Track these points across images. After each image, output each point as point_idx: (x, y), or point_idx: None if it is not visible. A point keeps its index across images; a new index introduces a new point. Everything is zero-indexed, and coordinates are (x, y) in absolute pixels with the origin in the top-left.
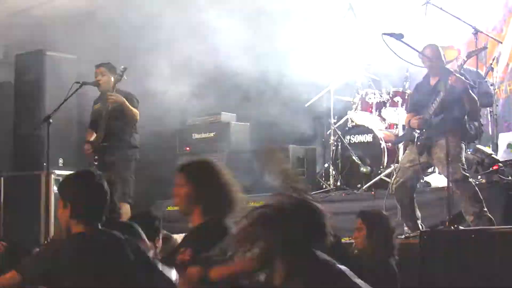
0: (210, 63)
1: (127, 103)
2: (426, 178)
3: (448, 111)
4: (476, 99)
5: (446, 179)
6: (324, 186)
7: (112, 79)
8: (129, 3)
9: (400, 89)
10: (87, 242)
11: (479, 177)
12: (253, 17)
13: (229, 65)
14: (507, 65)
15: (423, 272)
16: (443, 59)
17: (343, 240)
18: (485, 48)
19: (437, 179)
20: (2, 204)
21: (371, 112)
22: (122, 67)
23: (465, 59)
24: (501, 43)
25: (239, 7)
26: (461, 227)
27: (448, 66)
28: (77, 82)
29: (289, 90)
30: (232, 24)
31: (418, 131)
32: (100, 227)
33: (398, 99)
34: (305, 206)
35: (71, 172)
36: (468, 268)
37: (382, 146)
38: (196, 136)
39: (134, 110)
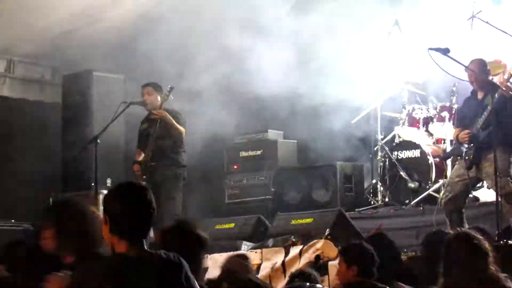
0: (257, 82)
1: (172, 120)
2: (474, 193)
3: (496, 125)
4: None
5: (495, 194)
6: (372, 202)
7: (159, 98)
8: (174, 25)
9: (447, 104)
10: (130, 264)
11: None
12: (298, 35)
13: (276, 84)
14: None
15: None
16: (489, 73)
17: None
18: None
19: (486, 194)
20: None
21: (418, 127)
22: (169, 86)
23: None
24: None
25: (284, 26)
26: (510, 242)
27: (495, 80)
28: (124, 102)
29: (335, 106)
30: (277, 43)
31: (466, 146)
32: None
33: (445, 114)
34: None
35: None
36: None
37: (430, 162)
38: (243, 154)
39: (180, 127)
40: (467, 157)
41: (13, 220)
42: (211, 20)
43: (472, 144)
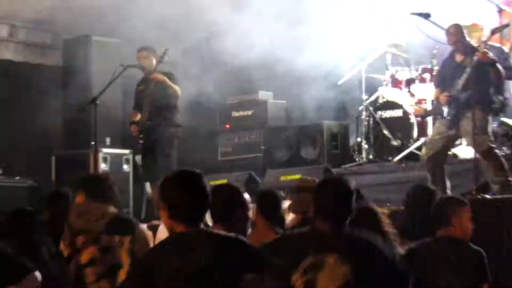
0: (247, 46)
1: (167, 80)
2: (454, 150)
3: (475, 86)
4: (503, 72)
5: (473, 151)
6: (357, 159)
7: (154, 61)
8: None
9: (429, 66)
10: (189, 238)
11: (504, 148)
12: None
13: (265, 49)
14: None
15: None
16: (467, 37)
17: None
18: (507, 25)
19: (465, 151)
20: (54, 181)
21: (401, 88)
22: (164, 48)
23: (489, 36)
24: None
25: None
26: (487, 196)
27: (473, 42)
28: (122, 65)
29: (322, 69)
30: (265, 9)
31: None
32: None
33: (426, 75)
34: None
35: (119, 150)
36: (494, 234)
37: (411, 121)
38: (235, 114)
39: (175, 86)
40: (448, 117)
41: (17, 177)
42: None
43: (452, 105)
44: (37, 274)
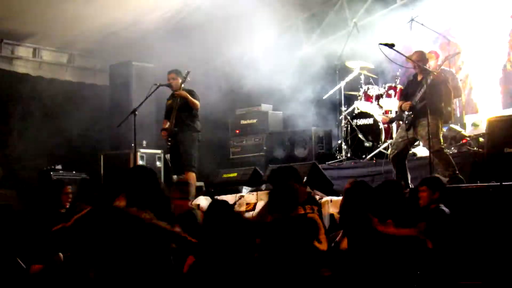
0: (253, 71)
1: (190, 97)
2: (413, 150)
3: (429, 99)
4: (451, 89)
5: (427, 151)
6: (338, 157)
7: (180, 80)
8: (190, 31)
9: (393, 85)
10: None
11: (452, 148)
12: (284, 36)
13: (268, 72)
14: None
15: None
16: (426, 61)
17: None
18: (458, 53)
19: (421, 150)
20: (102, 175)
21: (371, 102)
22: (186, 71)
23: (444, 60)
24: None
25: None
26: None
27: (429, 66)
28: (155, 84)
29: (311, 87)
30: (269, 40)
31: (407, 113)
32: None
33: (391, 92)
34: None
35: (153, 150)
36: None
37: (380, 127)
38: (243, 122)
39: (195, 101)
40: (407, 122)
41: (74, 172)
42: (218, 32)
43: (411, 112)
44: (60, 255)
